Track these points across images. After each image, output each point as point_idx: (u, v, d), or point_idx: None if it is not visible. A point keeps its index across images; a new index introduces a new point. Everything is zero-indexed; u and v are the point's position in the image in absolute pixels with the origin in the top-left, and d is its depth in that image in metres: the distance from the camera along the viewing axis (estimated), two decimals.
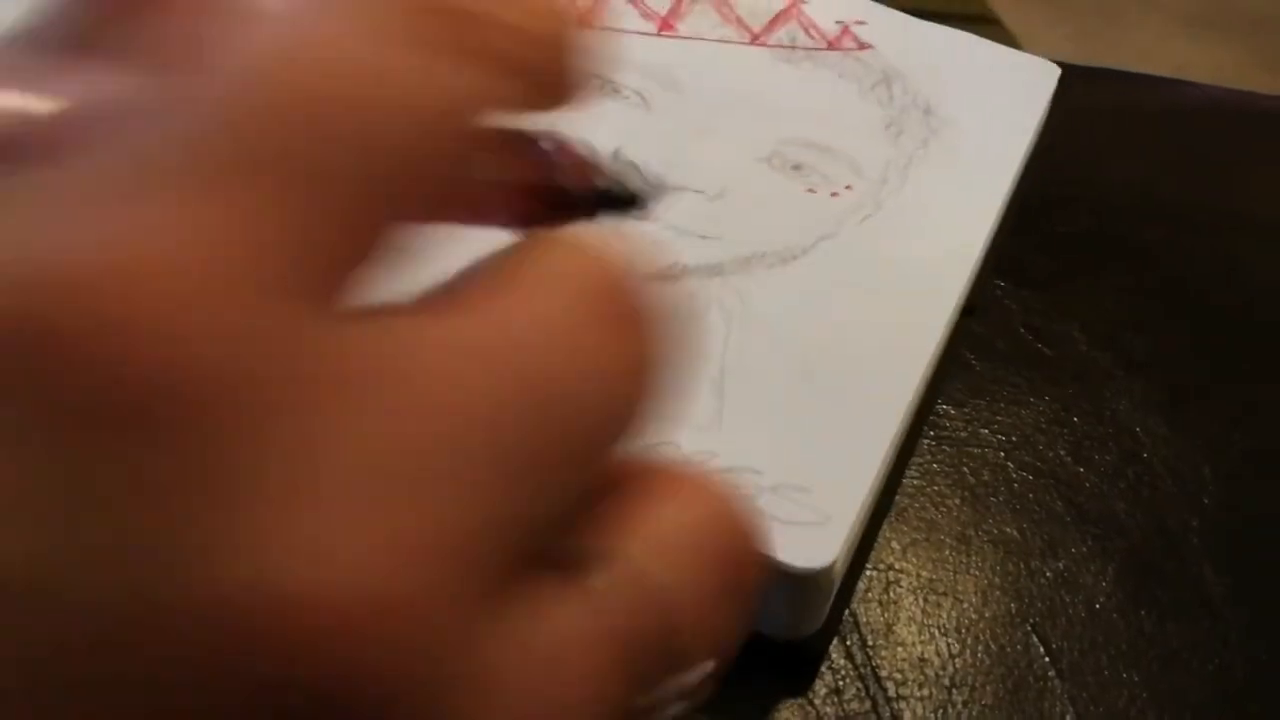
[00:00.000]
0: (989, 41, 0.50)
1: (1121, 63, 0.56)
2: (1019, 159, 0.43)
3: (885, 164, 0.42)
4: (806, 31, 0.49)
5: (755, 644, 0.29)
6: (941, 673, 0.29)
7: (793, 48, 0.48)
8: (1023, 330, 0.39)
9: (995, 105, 0.46)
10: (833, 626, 0.30)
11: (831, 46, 0.48)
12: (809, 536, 0.28)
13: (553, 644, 0.12)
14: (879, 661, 0.30)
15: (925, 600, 0.31)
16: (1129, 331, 0.40)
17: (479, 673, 0.12)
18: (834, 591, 0.29)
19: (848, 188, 0.41)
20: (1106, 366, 0.38)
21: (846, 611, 0.31)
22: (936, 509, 0.33)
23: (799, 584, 0.28)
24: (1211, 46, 1.65)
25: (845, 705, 0.29)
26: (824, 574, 0.28)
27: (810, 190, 0.40)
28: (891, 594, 0.31)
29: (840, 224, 0.39)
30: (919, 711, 0.29)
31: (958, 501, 0.34)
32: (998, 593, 0.31)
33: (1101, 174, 0.47)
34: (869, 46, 0.48)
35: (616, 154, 0.41)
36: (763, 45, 0.48)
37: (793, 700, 0.29)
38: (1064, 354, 0.39)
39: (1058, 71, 0.48)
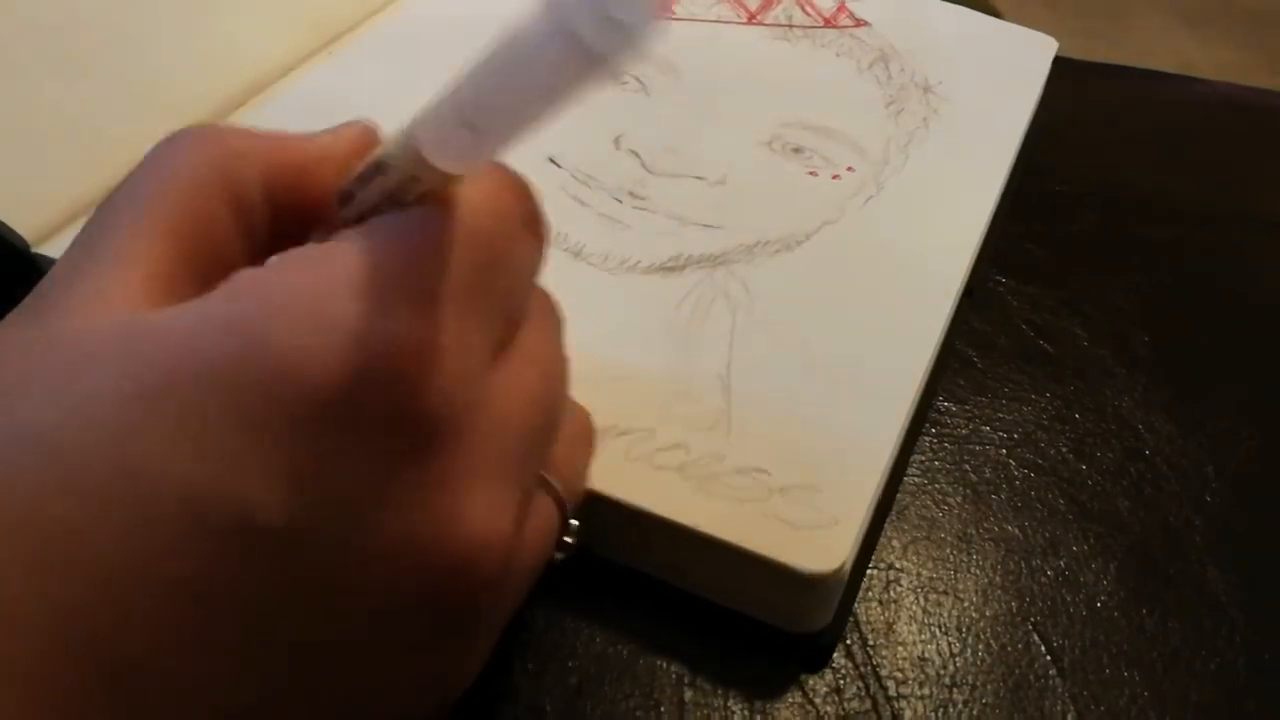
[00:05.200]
0: (983, 15, 0.50)
1: (1123, 60, 0.56)
2: (1019, 132, 0.43)
3: (886, 143, 0.42)
4: (803, 9, 0.48)
5: (760, 637, 0.29)
6: (942, 672, 0.29)
7: (789, 26, 0.47)
8: (1025, 326, 0.39)
9: (993, 80, 0.46)
10: (842, 619, 0.30)
11: (828, 24, 0.47)
12: (819, 539, 0.28)
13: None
14: (879, 660, 0.29)
15: (926, 599, 0.31)
16: (1132, 328, 0.39)
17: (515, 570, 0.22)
18: (842, 589, 0.29)
19: (849, 169, 0.40)
20: (1109, 363, 0.38)
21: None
22: (938, 507, 0.33)
23: (808, 585, 0.28)
24: (1213, 45, 1.65)
25: (845, 704, 0.28)
26: (833, 576, 0.28)
27: (812, 173, 0.40)
28: (892, 593, 0.31)
29: (843, 207, 0.39)
30: (919, 710, 0.28)
31: (959, 499, 0.33)
32: (999, 591, 0.31)
33: (1107, 170, 0.47)
34: (865, 23, 0.48)
35: (618, 142, 0.40)
36: (759, 24, 0.47)
37: (793, 700, 0.28)
38: (1066, 350, 0.38)
39: (1055, 44, 0.48)
